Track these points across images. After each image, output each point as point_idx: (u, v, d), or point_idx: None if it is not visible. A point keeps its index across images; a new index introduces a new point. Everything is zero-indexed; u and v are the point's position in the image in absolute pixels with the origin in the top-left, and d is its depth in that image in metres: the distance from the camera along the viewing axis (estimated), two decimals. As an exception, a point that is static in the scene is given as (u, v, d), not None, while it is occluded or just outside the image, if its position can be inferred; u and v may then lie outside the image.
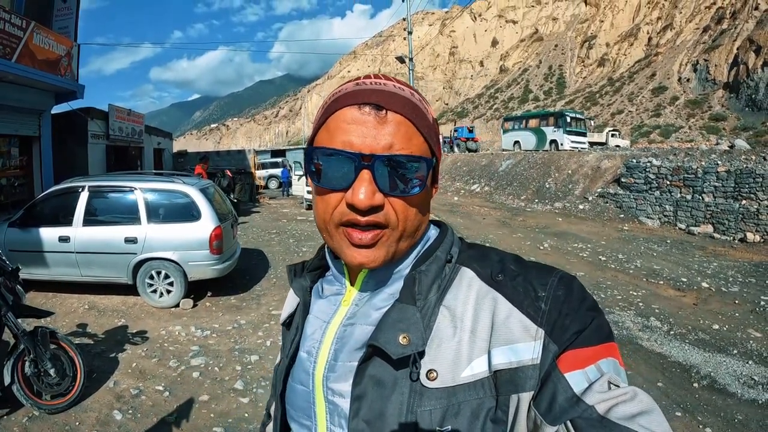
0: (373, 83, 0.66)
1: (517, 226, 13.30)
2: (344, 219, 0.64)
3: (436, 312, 0.65)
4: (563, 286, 0.63)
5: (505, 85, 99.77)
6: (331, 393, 0.68)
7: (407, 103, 0.65)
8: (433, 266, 0.68)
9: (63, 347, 3.72)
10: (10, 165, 10.78)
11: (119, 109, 17.00)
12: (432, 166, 0.67)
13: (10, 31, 8.90)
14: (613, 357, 0.59)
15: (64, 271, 6.16)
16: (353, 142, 0.62)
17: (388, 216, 0.64)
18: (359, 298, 0.73)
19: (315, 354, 0.72)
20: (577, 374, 0.56)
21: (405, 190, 0.63)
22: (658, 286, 7.44)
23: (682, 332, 5.58)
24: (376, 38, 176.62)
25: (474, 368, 0.61)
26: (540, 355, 0.58)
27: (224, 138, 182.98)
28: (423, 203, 0.68)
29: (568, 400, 0.55)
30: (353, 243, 0.64)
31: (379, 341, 0.62)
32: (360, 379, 0.64)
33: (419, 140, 0.65)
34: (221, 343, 5.15)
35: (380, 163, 0.62)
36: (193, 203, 6.17)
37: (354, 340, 0.69)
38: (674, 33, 74.40)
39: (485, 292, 0.65)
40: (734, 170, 12.28)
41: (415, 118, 0.64)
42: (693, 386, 4.37)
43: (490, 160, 24.66)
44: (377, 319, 0.67)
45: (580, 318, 0.60)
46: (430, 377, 0.61)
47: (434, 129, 0.69)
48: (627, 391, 0.53)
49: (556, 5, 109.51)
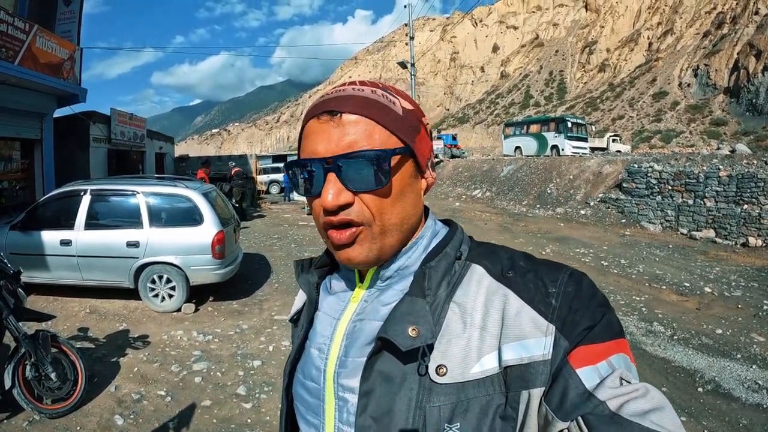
0: (332, 92, 0.69)
1: (519, 232, 13.28)
2: (323, 222, 0.67)
3: (445, 308, 0.65)
4: (573, 282, 0.63)
5: (506, 91, 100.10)
6: (341, 389, 0.68)
7: (363, 102, 0.66)
8: (442, 262, 0.69)
9: (64, 351, 3.70)
10: (11, 168, 10.78)
11: (121, 113, 17.04)
12: (402, 155, 0.67)
13: (13, 34, 8.92)
14: (624, 353, 0.59)
15: (65, 274, 6.15)
16: (317, 149, 0.66)
17: (361, 213, 0.66)
18: (368, 295, 0.73)
19: (326, 351, 0.72)
20: (589, 370, 0.56)
21: (371, 185, 0.65)
22: (661, 291, 7.42)
23: (685, 337, 5.55)
24: (377, 44, 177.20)
25: (484, 364, 0.61)
26: (551, 350, 0.58)
27: (226, 143, 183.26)
28: (400, 196, 0.68)
29: (579, 396, 0.55)
30: (334, 243, 0.67)
31: (388, 333, 0.62)
32: (368, 374, 0.64)
33: (383, 134, 0.66)
34: (223, 348, 5.13)
35: (341, 163, 0.64)
36: (195, 207, 6.16)
37: (364, 336, 0.69)
38: (675, 38, 74.64)
39: (495, 289, 0.65)
40: (736, 175, 12.27)
41: (374, 115, 0.66)
42: (697, 391, 4.35)
43: (492, 165, 24.65)
44: (386, 314, 0.67)
45: (591, 314, 0.60)
46: (439, 372, 0.61)
47: (406, 119, 0.69)
48: (638, 388, 0.53)
49: (556, 11, 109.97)
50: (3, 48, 8.67)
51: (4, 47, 8.71)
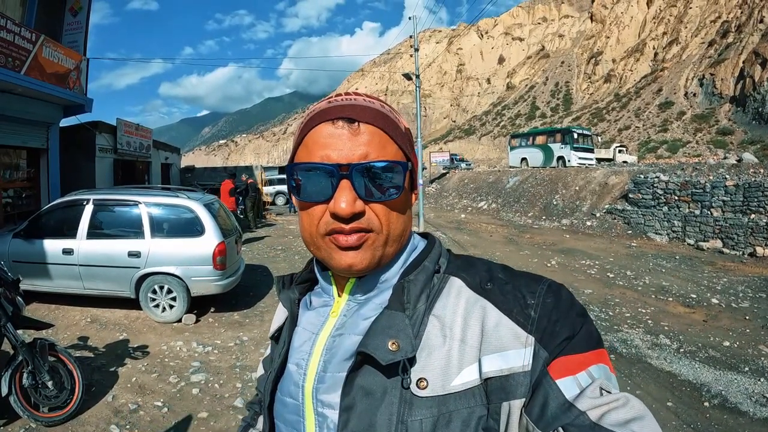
0: (344, 99, 0.69)
1: (525, 243, 13.23)
2: (329, 228, 0.66)
3: (425, 321, 0.65)
4: (552, 293, 0.64)
5: (512, 102, 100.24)
6: (320, 405, 0.67)
7: (378, 115, 0.68)
8: (421, 276, 0.69)
9: (62, 360, 3.69)
10: (17, 176, 10.86)
11: (127, 124, 17.17)
12: (408, 170, 0.69)
13: (19, 44, 9.02)
14: (603, 363, 0.60)
15: (67, 283, 6.15)
16: (330, 155, 0.65)
17: (371, 221, 0.66)
18: (347, 309, 0.73)
19: (305, 366, 0.71)
20: (569, 380, 0.57)
21: (384, 195, 0.66)
22: (667, 303, 7.33)
23: (692, 350, 5.47)
24: (384, 56, 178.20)
25: (464, 377, 0.60)
26: (531, 361, 0.58)
27: (233, 154, 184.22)
28: (404, 208, 0.70)
29: (560, 407, 0.55)
30: (340, 246, 0.66)
31: (368, 348, 0.62)
32: (349, 390, 0.63)
33: (393, 148, 0.68)
34: (222, 359, 5.10)
35: (357, 172, 0.64)
36: (197, 218, 6.16)
37: (343, 350, 0.68)
38: (680, 48, 74.61)
39: (474, 301, 0.65)
40: (742, 184, 12.19)
41: (388, 128, 0.68)
42: (704, 405, 4.26)
43: (497, 177, 24.66)
44: (366, 328, 0.67)
45: (570, 324, 0.60)
46: (420, 386, 0.61)
47: (407, 136, 0.73)
48: (619, 397, 0.54)
49: (562, 22, 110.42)
50: (10, 58, 8.76)
51: (11, 57, 8.80)
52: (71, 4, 12.01)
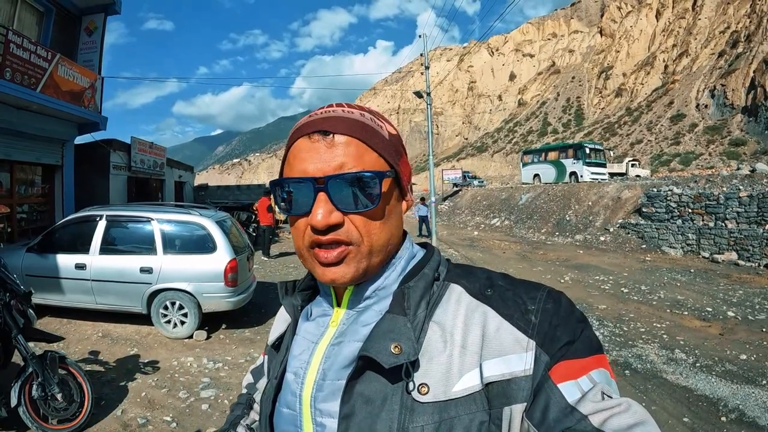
0: (322, 112, 0.70)
1: (538, 260, 13.13)
2: (311, 241, 0.67)
3: (425, 328, 0.65)
4: (552, 299, 0.64)
5: (524, 119, 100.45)
6: (319, 414, 0.67)
7: (355, 125, 0.67)
8: (420, 282, 0.69)
9: (72, 373, 3.71)
10: (32, 192, 11.03)
11: (141, 142, 17.41)
12: (391, 178, 0.69)
13: (35, 62, 9.20)
14: (604, 368, 0.60)
15: (79, 298, 6.21)
16: (307, 169, 0.66)
17: (350, 233, 0.66)
18: (346, 318, 0.73)
19: (302, 375, 0.71)
20: (570, 385, 0.57)
21: (361, 206, 0.65)
22: (683, 317, 7.21)
23: (708, 364, 5.35)
24: (396, 74, 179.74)
25: (465, 382, 0.60)
26: (532, 365, 0.58)
27: (246, 173, 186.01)
28: (387, 217, 0.69)
29: (561, 411, 0.55)
30: (320, 262, 0.67)
31: (370, 351, 0.62)
32: (348, 397, 0.63)
33: (372, 156, 0.67)
34: (233, 375, 5.09)
35: (333, 184, 0.64)
36: (208, 235, 6.20)
37: (343, 357, 0.68)
38: (690, 59, 74.44)
39: (475, 307, 0.65)
40: (756, 195, 12.02)
41: (365, 137, 0.67)
42: (721, 420, 4.15)
43: (510, 193, 24.59)
44: (366, 334, 0.66)
45: (570, 329, 0.61)
46: (421, 391, 0.60)
47: (392, 143, 0.71)
48: (621, 403, 0.54)
49: (571, 37, 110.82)
50: (26, 75, 8.95)
51: (27, 74, 8.99)
52: (87, 23, 12.27)
